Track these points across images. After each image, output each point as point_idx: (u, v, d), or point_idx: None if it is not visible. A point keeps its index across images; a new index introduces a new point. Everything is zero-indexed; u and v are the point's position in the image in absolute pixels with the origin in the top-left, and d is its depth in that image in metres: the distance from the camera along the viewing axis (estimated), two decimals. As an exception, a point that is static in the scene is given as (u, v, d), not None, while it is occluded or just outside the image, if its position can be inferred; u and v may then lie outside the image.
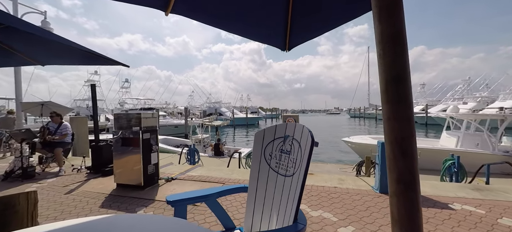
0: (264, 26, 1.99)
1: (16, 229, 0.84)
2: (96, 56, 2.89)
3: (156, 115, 4.03)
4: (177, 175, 4.31)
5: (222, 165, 7.20)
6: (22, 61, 3.08)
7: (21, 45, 2.75)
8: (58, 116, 4.97)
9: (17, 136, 4.36)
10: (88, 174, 4.54)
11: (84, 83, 38.72)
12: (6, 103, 24.93)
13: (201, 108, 43.72)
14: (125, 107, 33.28)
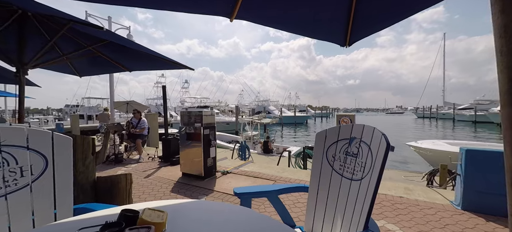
0: (324, 23, 1.93)
1: (119, 204, 1.07)
2: (168, 61, 3.36)
3: (214, 113, 4.40)
4: (232, 169, 4.61)
5: (272, 162, 7.31)
6: (116, 69, 3.84)
7: (116, 56, 3.41)
8: (138, 113, 6.01)
9: (112, 128, 5.48)
10: (160, 163, 5.32)
11: (154, 85, 45.37)
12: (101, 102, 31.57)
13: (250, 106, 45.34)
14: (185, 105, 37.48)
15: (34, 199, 0.95)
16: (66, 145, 1.05)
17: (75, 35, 2.76)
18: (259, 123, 13.82)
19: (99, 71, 4.31)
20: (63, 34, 2.61)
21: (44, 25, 2.61)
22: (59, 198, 1.01)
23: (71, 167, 1.05)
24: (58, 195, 1.00)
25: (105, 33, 2.20)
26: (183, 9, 1.38)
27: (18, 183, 0.92)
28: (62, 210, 1.01)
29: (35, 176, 0.96)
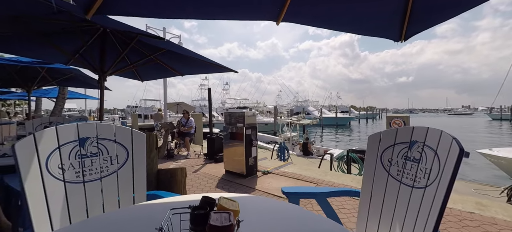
0: (376, 17, 1.80)
1: (176, 193, 1.21)
2: (215, 65, 3.61)
3: (256, 114, 4.52)
4: (272, 170, 4.66)
5: (312, 165, 7.10)
6: (171, 73, 4.29)
7: (172, 62, 3.81)
8: (187, 113, 6.60)
9: (165, 127, 6.15)
10: (205, 159, 5.73)
11: (198, 87, 48.98)
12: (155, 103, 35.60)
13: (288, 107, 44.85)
14: (226, 106, 39.35)
15: (119, 184, 1.16)
16: (142, 140, 1.24)
17: (140, 46, 3.19)
18: (298, 124, 13.56)
19: (157, 76, 4.89)
20: (132, 46, 3.06)
21: (118, 39, 3.11)
22: (137, 184, 1.20)
23: (145, 159, 1.24)
24: (136, 181, 1.20)
25: (165, 43, 2.50)
26: (233, 17, 1.48)
27: (109, 170, 1.14)
28: (139, 194, 1.20)
29: (120, 164, 1.17)
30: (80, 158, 1.04)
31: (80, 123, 1.06)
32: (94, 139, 1.10)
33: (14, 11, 2.14)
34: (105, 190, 1.10)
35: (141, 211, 0.86)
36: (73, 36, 2.88)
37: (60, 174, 0.96)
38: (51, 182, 0.92)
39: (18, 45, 3.15)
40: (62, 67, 4.55)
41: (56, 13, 2.20)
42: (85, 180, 1.04)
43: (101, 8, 1.39)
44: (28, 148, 0.88)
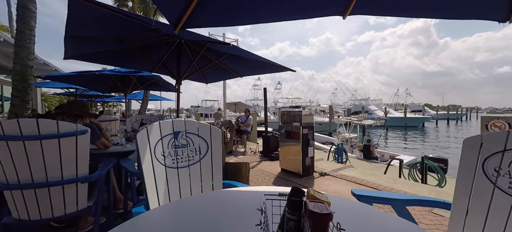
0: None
1: (246, 184, 1.31)
2: (273, 65, 3.70)
3: (313, 113, 4.41)
4: (330, 172, 4.44)
5: (376, 170, 6.39)
6: (231, 75, 4.63)
7: (233, 65, 4.11)
8: (248, 111, 7.03)
9: (224, 124, 6.68)
10: (261, 157, 5.94)
11: (252, 87, 50.99)
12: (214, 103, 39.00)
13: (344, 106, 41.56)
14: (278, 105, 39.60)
15: (202, 171, 1.35)
16: (219, 135, 1.41)
17: (207, 53, 3.58)
18: (358, 125, 12.40)
19: (219, 78, 5.37)
20: (197, 53, 3.47)
21: (190, 48, 3.57)
22: (215, 173, 1.38)
23: (221, 152, 1.41)
24: (214, 170, 1.38)
25: (231, 48, 2.74)
26: (301, 16, 1.50)
27: (194, 159, 1.34)
28: (217, 182, 1.37)
29: (202, 155, 1.37)
30: (174, 147, 1.28)
31: (174, 119, 1.29)
32: (183, 132, 1.32)
33: (120, 33, 2.75)
34: (192, 176, 1.31)
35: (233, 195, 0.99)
36: (157, 48, 3.49)
37: (162, 159, 1.21)
38: (157, 166, 1.17)
39: (119, 59, 3.99)
40: (147, 74, 5.56)
41: (149, 31, 2.72)
42: (178, 166, 1.27)
43: (186, 23, 1.64)
44: (144, 138, 1.14)
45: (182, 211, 0.81)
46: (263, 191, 1.00)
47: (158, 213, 0.80)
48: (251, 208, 0.85)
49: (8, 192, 1.32)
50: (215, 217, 0.77)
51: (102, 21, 2.25)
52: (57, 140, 1.32)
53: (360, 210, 0.93)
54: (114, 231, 0.65)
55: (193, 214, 0.79)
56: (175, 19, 1.55)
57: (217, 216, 0.78)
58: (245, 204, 0.88)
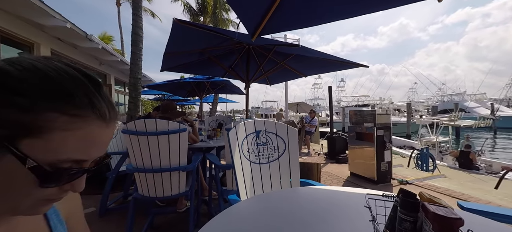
0: None
1: (323, 184, 1.29)
2: (341, 62, 3.49)
3: (390, 113, 3.90)
4: (413, 180, 3.81)
5: (480, 183, 5.03)
6: (295, 76, 4.64)
7: (297, 65, 4.11)
8: (314, 112, 6.90)
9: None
10: (326, 159, 5.68)
11: (312, 86, 49.17)
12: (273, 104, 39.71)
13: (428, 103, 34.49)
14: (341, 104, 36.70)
15: (280, 169, 1.44)
16: (295, 134, 1.47)
17: (273, 56, 3.71)
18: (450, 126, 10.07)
19: (282, 79, 5.46)
20: (264, 57, 3.63)
21: (257, 53, 3.79)
22: (292, 171, 1.44)
23: (297, 150, 1.45)
24: (291, 168, 1.44)
25: (300, 48, 2.77)
26: (390, 6, 1.37)
27: (273, 156, 1.45)
28: (294, 180, 1.43)
29: (280, 153, 1.45)
30: (256, 145, 1.41)
31: (255, 119, 1.43)
32: (264, 131, 1.45)
33: (203, 46, 3.20)
34: (271, 172, 1.42)
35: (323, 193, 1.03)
36: (229, 55, 3.87)
37: (247, 155, 1.36)
38: (244, 161, 1.33)
39: (197, 68, 4.62)
40: (218, 79, 6.25)
41: (225, 41, 3.07)
42: (260, 162, 1.40)
43: (262, 31, 1.78)
44: (233, 135, 1.31)
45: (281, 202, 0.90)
46: (351, 191, 0.99)
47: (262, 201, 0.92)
48: (347, 206, 0.86)
49: (136, 173, 1.77)
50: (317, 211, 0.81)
51: (191, 38, 2.69)
52: (168, 136, 1.69)
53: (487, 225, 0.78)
54: (228, 210, 0.79)
55: (291, 204, 0.87)
56: (253, 28, 1.71)
57: (319, 210, 0.82)
58: (340, 202, 0.90)
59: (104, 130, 0.36)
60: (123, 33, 19.53)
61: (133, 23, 5.17)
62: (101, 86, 0.37)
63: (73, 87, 0.33)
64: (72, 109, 0.32)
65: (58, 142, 0.31)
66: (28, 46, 4.91)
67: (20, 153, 0.29)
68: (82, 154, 0.34)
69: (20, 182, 0.31)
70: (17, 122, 0.29)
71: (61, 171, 0.32)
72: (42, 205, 0.35)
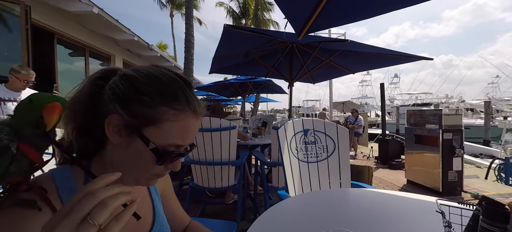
0: None
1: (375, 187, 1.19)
2: (396, 56, 3.14)
3: (461, 113, 3.33)
4: (494, 196, 3.16)
5: None
6: (341, 73, 4.38)
7: (344, 62, 3.87)
8: (356, 111, 6.42)
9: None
10: (376, 163, 5.19)
11: (359, 83, 45.37)
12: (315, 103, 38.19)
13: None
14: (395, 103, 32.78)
15: (329, 169, 1.40)
16: (345, 134, 1.41)
17: (318, 53, 3.59)
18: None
19: (327, 77, 5.24)
20: (308, 55, 3.54)
21: (300, 51, 3.73)
22: (342, 172, 1.39)
23: (348, 151, 1.39)
24: (341, 169, 1.39)
25: (348, 44, 2.62)
26: None
27: (322, 156, 1.42)
28: (345, 181, 1.38)
29: (329, 153, 1.42)
30: (304, 144, 1.41)
31: (303, 118, 1.43)
32: (312, 130, 1.43)
33: (248, 48, 3.33)
34: (320, 172, 1.40)
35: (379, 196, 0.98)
36: (272, 55, 3.92)
37: (296, 153, 1.37)
38: (292, 158, 1.35)
39: (240, 68, 4.80)
40: (261, 79, 6.38)
41: (269, 41, 3.13)
42: (308, 160, 1.39)
43: (308, 29, 1.76)
44: (282, 133, 1.35)
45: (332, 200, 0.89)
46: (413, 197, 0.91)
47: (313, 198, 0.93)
48: (407, 212, 0.80)
49: (193, 165, 1.98)
50: (373, 213, 0.78)
51: (238, 41, 2.84)
52: (220, 133, 1.83)
53: None
54: (280, 204, 0.82)
55: (344, 204, 0.86)
56: (300, 27, 1.70)
57: (375, 213, 0.79)
58: (399, 207, 0.84)
59: (195, 121, 0.44)
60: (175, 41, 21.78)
61: (186, 31, 5.73)
62: (192, 87, 0.46)
63: (175, 87, 0.42)
64: (176, 105, 0.41)
65: (167, 130, 0.41)
66: (107, 58, 5.96)
67: (145, 138, 0.39)
68: (182, 140, 0.43)
69: (144, 159, 0.41)
70: (143, 114, 0.40)
71: (168, 153, 0.41)
72: (153, 179, 0.45)
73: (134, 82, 0.41)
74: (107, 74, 0.44)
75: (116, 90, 0.40)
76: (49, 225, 0.25)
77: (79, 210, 0.25)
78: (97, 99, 0.42)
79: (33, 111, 0.33)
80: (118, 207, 0.28)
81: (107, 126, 0.40)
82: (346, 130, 1.41)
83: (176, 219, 0.67)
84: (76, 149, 0.45)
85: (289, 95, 3.90)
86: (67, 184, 0.41)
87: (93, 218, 0.25)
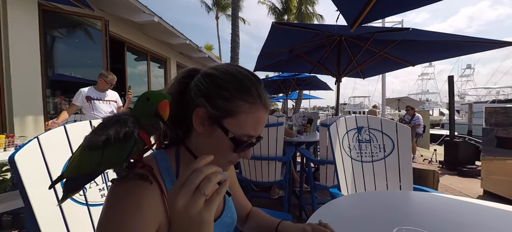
0: None
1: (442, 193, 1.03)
2: (472, 43, 2.65)
3: None
4: None
5: None
6: (397, 66, 3.92)
7: (402, 53, 3.46)
8: (412, 109, 5.67)
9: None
10: (441, 168, 4.49)
11: (418, 77, 39.64)
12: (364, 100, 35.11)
13: None
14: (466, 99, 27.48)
15: (387, 170, 1.30)
16: (406, 133, 1.28)
17: (371, 45, 3.28)
18: None
19: (380, 71, 4.77)
20: (359, 48, 3.28)
21: (349, 44, 3.49)
22: (403, 174, 1.27)
23: (410, 152, 1.26)
24: (402, 171, 1.28)
25: (410, 32, 2.33)
26: None
27: (378, 156, 1.33)
28: (405, 185, 1.26)
29: (387, 153, 1.32)
30: (358, 142, 1.34)
31: (357, 115, 1.36)
32: (366, 128, 1.35)
33: (293, 44, 3.30)
34: (376, 172, 1.31)
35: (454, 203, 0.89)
36: (317, 50, 3.78)
37: (348, 151, 1.32)
38: (345, 157, 1.30)
39: (285, 65, 4.75)
40: (304, 76, 6.22)
41: (316, 36, 3.03)
42: (362, 160, 1.32)
43: (362, 21, 1.64)
44: (334, 130, 1.31)
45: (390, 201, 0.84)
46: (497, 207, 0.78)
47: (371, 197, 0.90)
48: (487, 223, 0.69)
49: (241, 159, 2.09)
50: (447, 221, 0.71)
51: (283, 37, 2.84)
52: (267, 129, 1.89)
53: None
54: (337, 201, 0.82)
55: (406, 206, 0.80)
56: (353, 18, 1.61)
57: (448, 220, 0.72)
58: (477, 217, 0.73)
59: (265, 114, 0.49)
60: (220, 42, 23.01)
61: (232, 31, 6.02)
62: (261, 82, 0.50)
63: (249, 83, 0.47)
64: (250, 99, 0.46)
65: (243, 122, 0.46)
66: (164, 61, 6.73)
67: (225, 128, 0.46)
68: (254, 131, 0.48)
69: (223, 147, 0.47)
70: (223, 107, 0.46)
71: (242, 142, 0.47)
72: (228, 165, 0.52)
73: (215, 79, 0.47)
74: (191, 73, 0.52)
75: (201, 87, 0.47)
76: (172, 193, 0.33)
77: (193, 182, 0.32)
78: (185, 95, 0.50)
79: (150, 106, 0.42)
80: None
81: (194, 117, 0.47)
82: (407, 128, 1.28)
83: (240, 206, 0.74)
84: (169, 137, 0.54)
85: (336, 91, 3.70)
86: (164, 164, 0.51)
87: (203, 188, 0.32)
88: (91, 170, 0.40)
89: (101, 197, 0.76)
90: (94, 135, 0.40)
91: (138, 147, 0.44)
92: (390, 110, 12.05)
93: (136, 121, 0.43)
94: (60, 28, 3.88)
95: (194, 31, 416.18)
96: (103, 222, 0.41)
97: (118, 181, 0.44)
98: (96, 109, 2.67)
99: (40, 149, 0.63)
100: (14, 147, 1.79)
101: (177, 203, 0.31)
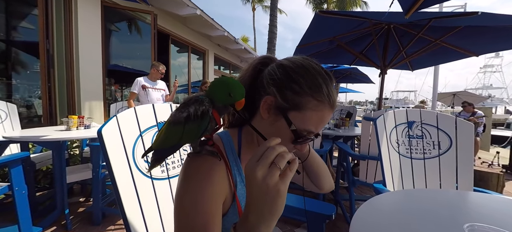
0: None
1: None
2: None
3: None
4: None
5: None
6: (458, 56, 3.42)
7: (464, 42, 3.00)
8: (470, 105, 4.94)
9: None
10: (506, 173, 3.86)
11: (480, 69, 34.02)
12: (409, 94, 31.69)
13: None
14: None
15: (441, 169, 1.19)
16: (469, 130, 1.15)
17: (425, 33, 2.92)
18: None
19: (432, 62, 4.26)
20: (410, 37, 2.95)
21: (399, 33, 3.17)
22: (461, 175, 1.15)
23: (472, 151, 1.13)
24: (459, 172, 1.15)
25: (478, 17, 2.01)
26: None
27: (431, 153, 1.22)
28: (463, 186, 1.14)
29: (442, 150, 1.20)
30: (408, 137, 1.25)
31: (408, 109, 1.26)
32: (418, 123, 1.25)
33: (334, 34, 3.13)
34: (427, 171, 1.21)
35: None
36: (360, 40, 3.52)
37: (396, 147, 1.24)
38: (392, 152, 1.23)
39: (324, 56, 4.53)
40: (344, 67, 5.87)
41: (360, 24, 2.83)
42: (412, 157, 1.23)
43: (421, 6, 1.48)
44: (381, 124, 1.25)
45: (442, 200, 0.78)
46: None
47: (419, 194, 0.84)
48: None
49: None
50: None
51: (325, 27, 2.72)
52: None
53: None
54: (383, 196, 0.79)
55: (475, 208, 0.73)
56: (410, 3, 1.46)
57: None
58: None
59: (330, 113, 0.49)
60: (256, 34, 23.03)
61: (270, 22, 5.98)
62: (333, 80, 0.50)
63: (321, 81, 0.48)
64: (319, 97, 0.47)
65: (307, 117, 0.47)
66: (203, 52, 7.06)
67: (289, 120, 0.48)
68: (315, 128, 0.49)
69: (283, 137, 0.49)
70: (292, 100, 0.47)
71: (302, 136, 0.48)
72: None
73: (289, 71, 0.49)
74: (266, 61, 0.54)
75: (274, 76, 0.49)
76: (250, 165, 0.37)
77: (268, 157, 0.36)
78: (257, 80, 0.53)
79: (230, 99, 0.45)
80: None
81: (262, 104, 0.50)
82: (470, 124, 1.14)
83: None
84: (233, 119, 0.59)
85: (380, 84, 3.43)
86: (229, 144, 0.56)
87: (278, 163, 0.35)
88: (174, 143, 0.47)
89: (161, 173, 0.87)
90: (178, 112, 0.46)
91: (211, 125, 0.49)
92: (441, 106, 10.58)
93: (211, 102, 0.47)
94: (116, 22, 4.37)
95: (231, 24, 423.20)
96: (182, 187, 0.47)
97: (193, 155, 0.50)
98: (150, 96, 2.97)
99: (117, 125, 0.75)
100: (83, 127, 1.98)
101: (257, 173, 0.35)
